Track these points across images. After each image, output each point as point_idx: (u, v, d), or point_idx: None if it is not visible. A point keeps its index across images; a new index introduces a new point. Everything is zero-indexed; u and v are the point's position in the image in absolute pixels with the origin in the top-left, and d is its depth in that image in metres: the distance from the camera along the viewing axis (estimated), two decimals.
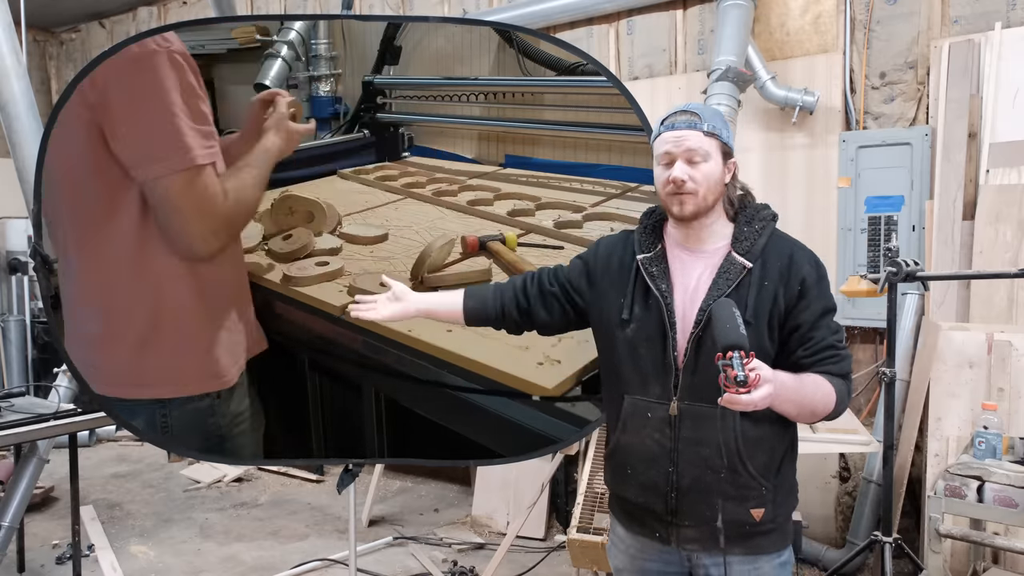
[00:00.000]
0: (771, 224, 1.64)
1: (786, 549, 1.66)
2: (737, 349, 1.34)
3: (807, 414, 1.55)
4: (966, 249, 3.36)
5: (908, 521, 3.52)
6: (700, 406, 1.55)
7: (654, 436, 1.60)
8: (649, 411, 1.61)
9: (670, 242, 1.68)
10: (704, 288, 1.58)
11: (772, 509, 1.59)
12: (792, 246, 1.62)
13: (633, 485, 1.66)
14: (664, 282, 1.62)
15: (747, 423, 1.55)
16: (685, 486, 1.58)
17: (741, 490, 1.57)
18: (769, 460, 1.60)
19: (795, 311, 1.56)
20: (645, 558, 1.69)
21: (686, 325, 1.58)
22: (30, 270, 5.56)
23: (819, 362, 1.55)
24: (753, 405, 1.35)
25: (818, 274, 1.59)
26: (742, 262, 1.57)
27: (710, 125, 1.58)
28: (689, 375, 1.56)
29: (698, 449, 1.56)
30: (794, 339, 1.57)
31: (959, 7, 3.51)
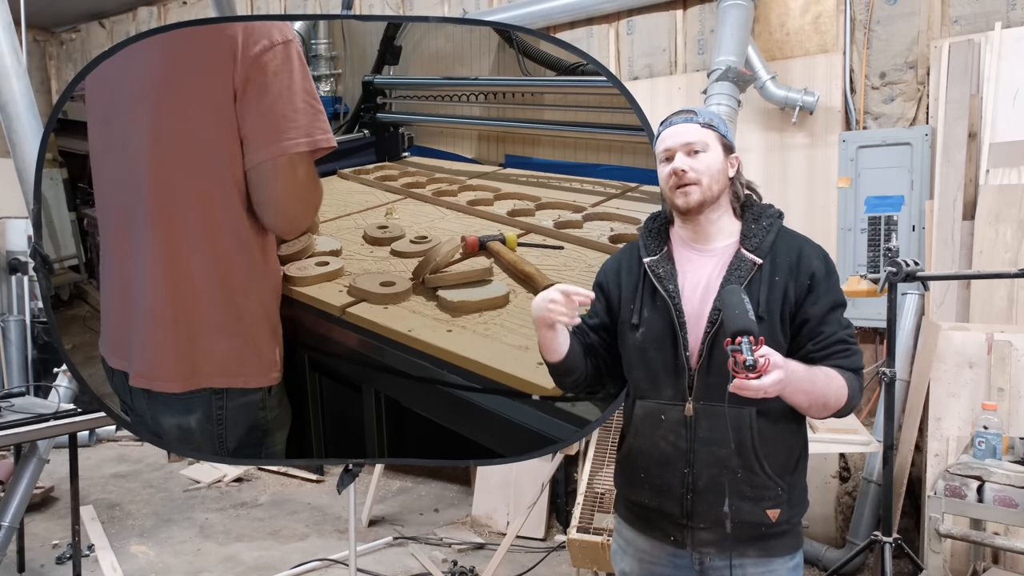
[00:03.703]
0: (778, 221, 1.64)
1: (798, 552, 1.64)
2: (747, 334, 1.33)
3: (819, 406, 1.52)
4: (966, 249, 3.36)
5: (908, 521, 3.52)
6: (717, 406, 1.53)
7: (669, 438, 1.59)
8: (663, 413, 1.60)
9: (677, 243, 1.68)
10: (715, 286, 1.57)
11: (787, 510, 1.58)
12: (801, 242, 1.62)
13: (647, 489, 1.64)
14: (672, 283, 1.61)
15: (764, 421, 1.54)
16: (701, 487, 1.56)
17: (757, 490, 1.55)
18: (786, 459, 1.59)
19: (805, 305, 1.55)
20: (655, 562, 1.67)
21: (699, 325, 1.57)
22: (30, 270, 5.55)
23: (830, 356, 1.54)
24: (763, 391, 1.33)
25: (827, 268, 1.59)
26: (752, 258, 1.57)
27: (706, 118, 1.61)
28: (704, 375, 1.55)
29: (714, 449, 1.55)
30: (804, 333, 1.56)
31: (959, 7, 3.51)
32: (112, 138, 2.26)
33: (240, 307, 2.25)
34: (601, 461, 3.24)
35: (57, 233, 2.56)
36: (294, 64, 2.11)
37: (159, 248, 2.21)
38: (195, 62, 2.12)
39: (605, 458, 3.25)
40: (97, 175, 2.36)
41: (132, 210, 2.24)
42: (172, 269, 2.21)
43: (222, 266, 2.21)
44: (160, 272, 2.22)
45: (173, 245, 2.20)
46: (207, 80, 2.10)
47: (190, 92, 2.12)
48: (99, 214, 2.40)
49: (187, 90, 2.12)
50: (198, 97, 2.11)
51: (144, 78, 2.18)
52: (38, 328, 5.85)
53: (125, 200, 2.27)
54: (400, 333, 2.29)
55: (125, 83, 2.22)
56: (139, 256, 2.25)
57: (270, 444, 2.43)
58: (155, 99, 2.16)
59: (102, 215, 2.37)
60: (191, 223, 2.18)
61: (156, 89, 2.16)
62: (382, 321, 2.32)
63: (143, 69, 2.19)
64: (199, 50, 2.12)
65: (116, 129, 2.25)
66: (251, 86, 2.08)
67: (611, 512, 3.04)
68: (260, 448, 2.41)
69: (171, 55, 2.16)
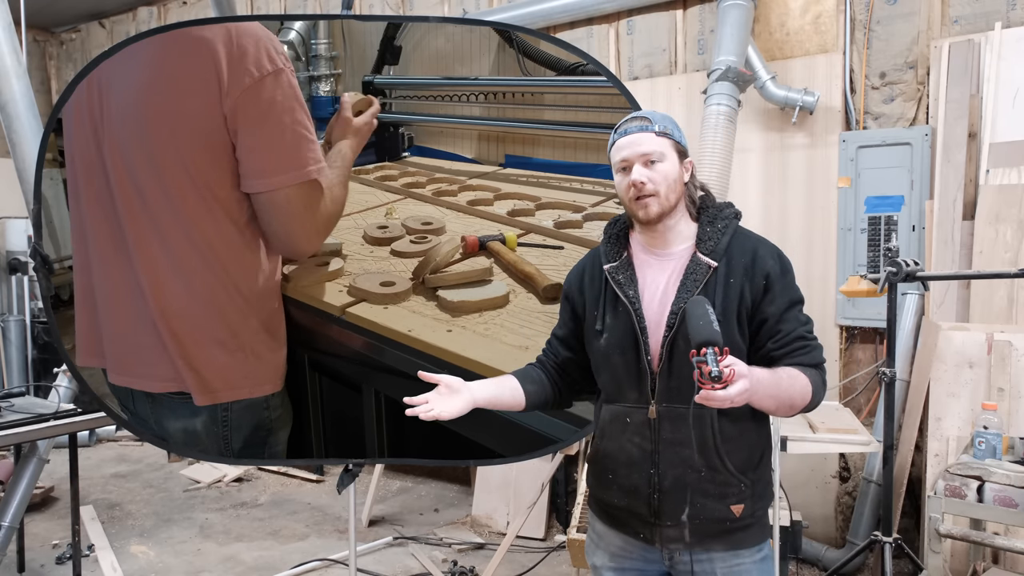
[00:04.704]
0: (734, 222, 1.66)
1: (765, 543, 1.67)
2: (711, 345, 1.35)
3: (786, 407, 1.56)
4: (966, 249, 3.36)
5: (908, 521, 3.52)
6: (679, 408, 1.57)
7: (634, 440, 1.62)
8: (628, 416, 1.64)
9: (636, 248, 1.70)
10: (673, 291, 1.60)
11: (751, 504, 1.61)
12: (756, 242, 1.64)
13: (615, 489, 1.67)
14: (632, 288, 1.64)
15: (725, 421, 1.57)
16: (667, 487, 1.59)
17: (721, 487, 1.58)
18: (748, 456, 1.62)
19: (762, 305, 1.58)
20: (625, 556, 1.70)
21: (658, 329, 1.60)
22: (30, 270, 5.56)
23: (790, 354, 1.57)
24: (730, 401, 1.35)
25: (782, 267, 1.61)
26: (707, 262, 1.59)
27: (661, 126, 1.62)
28: (665, 378, 1.58)
29: (678, 450, 1.58)
30: (763, 332, 1.59)
31: (959, 7, 3.51)
32: (99, 150, 2.25)
33: (237, 323, 2.25)
34: None
35: (57, 233, 2.56)
36: (285, 94, 2.11)
37: (147, 268, 2.22)
38: (181, 81, 2.11)
39: None
40: (75, 190, 2.36)
41: (118, 225, 2.25)
42: (161, 289, 2.22)
43: (213, 284, 2.21)
44: (150, 291, 2.22)
45: (160, 264, 2.21)
46: (192, 101, 2.09)
47: (176, 112, 2.11)
48: (77, 222, 2.37)
49: (173, 110, 2.11)
50: (184, 117, 2.11)
51: (133, 89, 2.17)
52: (38, 328, 5.85)
53: (107, 213, 2.27)
54: (400, 333, 2.29)
55: (114, 92, 2.22)
56: (127, 274, 2.26)
57: (273, 444, 2.44)
58: (142, 113, 2.15)
59: (85, 223, 2.34)
60: (181, 243, 2.18)
61: (143, 104, 2.15)
62: (382, 321, 2.33)
63: (134, 76, 2.18)
64: (185, 68, 2.10)
65: (103, 140, 2.24)
66: (241, 118, 2.09)
67: None
68: (264, 448, 2.41)
69: (159, 69, 2.14)
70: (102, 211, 2.27)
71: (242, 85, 2.06)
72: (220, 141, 2.11)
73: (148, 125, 2.14)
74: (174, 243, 2.18)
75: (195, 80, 2.08)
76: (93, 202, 2.29)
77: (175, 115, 2.11)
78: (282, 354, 2.38)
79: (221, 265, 2.20)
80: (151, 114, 2.13)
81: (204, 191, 2.14)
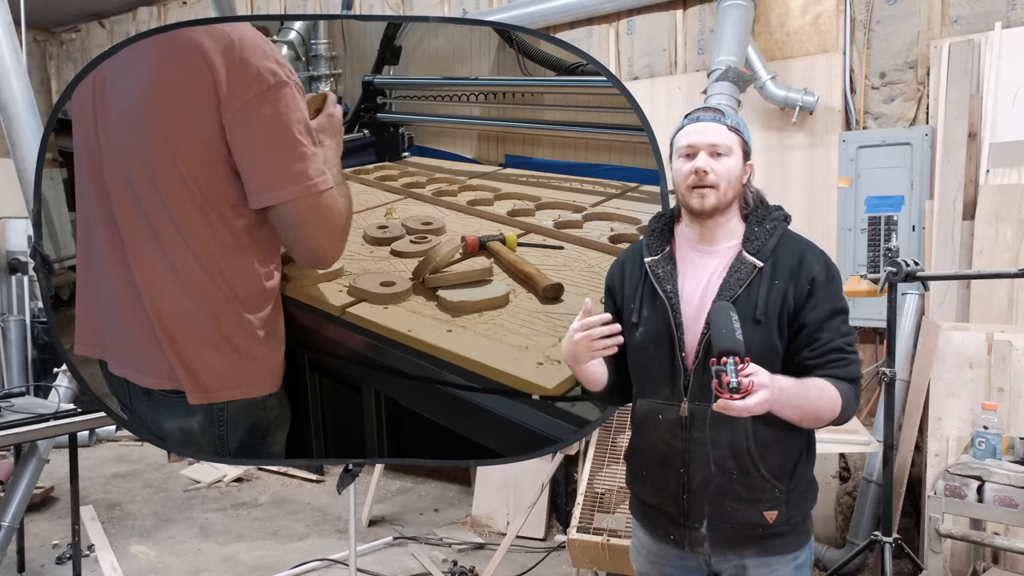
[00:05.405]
0: (783, 224, 1.63)
1: (802, 550, 1.63)
2: (732, 355, 1.33)
3: (811, 419, 1.52)
4: (966, 249, 3.36)
5: (908, 521, 3.52)
6: (711, 407, 1.52)
7: (665, 438, 1.60)
8: (660, 413, 1.61)
9: (681, 242, 1.67)
10: (715, 288, 1.57)
11: (786, 511, 1.57)
12: (804, 246, 1.61)
13: (648, 485, 1.66)
14: (670, 283, 1.61)
15: (760, 424, 1.52)
16: (696, 487, 1.56)
17: (754, 492, 1.55)
18: (783, 462, 1.57)
19: (803, 310, 1.54)
20: (664, 564, 1.68)
21: (696, 326, 1.57)
22: (30, 270, 5.55)
23: (824, 364, 1.53)
24: (747, 411, 1.34)
25: (828, 274, 1.57)
26: (753, 261, 1.56)
27: (733, 121, 1.60)
28: (700, 376, 1.55)
29: (709, 450, 1.55)
30: (801, 339, 1.54)
31: (959, 7, 3.51)
32: (99, 149, 2.25)
33: (233, 326, 2.23)
34: (601, 461, 3.24)
35: (57, 233, 2.56)
36: (288, 106, 2.09)
37: (143, 269, 2.21)
38: (177, 87, 2.09)
39: (605, 458, 3.24)
40: (82, 180, 2.35)
41: (115, 225, 2.24)
42: (156, 291, 2.21)
43: (209, 287, 2.20)
44: (146, 292, 2.21)
45: (156, 265, 2.20)
46: (188, 107, 2.08)
47: (172, 117, 2.10)
48: (83, 216, 2.37)
49: (169, 116, 2.10)
50: (179, 123, 2.10)
51: (131, 91, 2.16)
52: (38, 328, 5.85)
53: (106, 214, 2.26)
54: (400, 333, 2.29)
55: (114, 92, 2.21)
56: (124, 273, 2.25)
57: (270, 443, 2.43)
58: (139, 116, 2.15)
59: (90, 218, 2.35)
60: (177, 245, 2.17)
61: (141, 107, 2.14)
62: (382, 321, 2.32)
63: (132, 78, 2.17)
64: (182, 74, 2.09)
65: (101, 139, 2.24)
66: (242, 131, 2.07)
67: (611, 512, 3.04)
68: (261, 448, 2.41)
69: (156, 74, 2.13)
70: (103, 209, 2.27)
71: (244, 97, 2.05)
72: (217, 149, 2.09)
73: (144, 128, 2.13)
74: (169, 245, 2.17)
75: (191, 86, 2.07)
76: (97, 198, 2.29)
77: (170, 120, 2.10)
78: (280, 355, 2.37)
79: (217, 268, 2.19)
80: (147, 118, 2.13)
81: (199, 196, 2.13)
